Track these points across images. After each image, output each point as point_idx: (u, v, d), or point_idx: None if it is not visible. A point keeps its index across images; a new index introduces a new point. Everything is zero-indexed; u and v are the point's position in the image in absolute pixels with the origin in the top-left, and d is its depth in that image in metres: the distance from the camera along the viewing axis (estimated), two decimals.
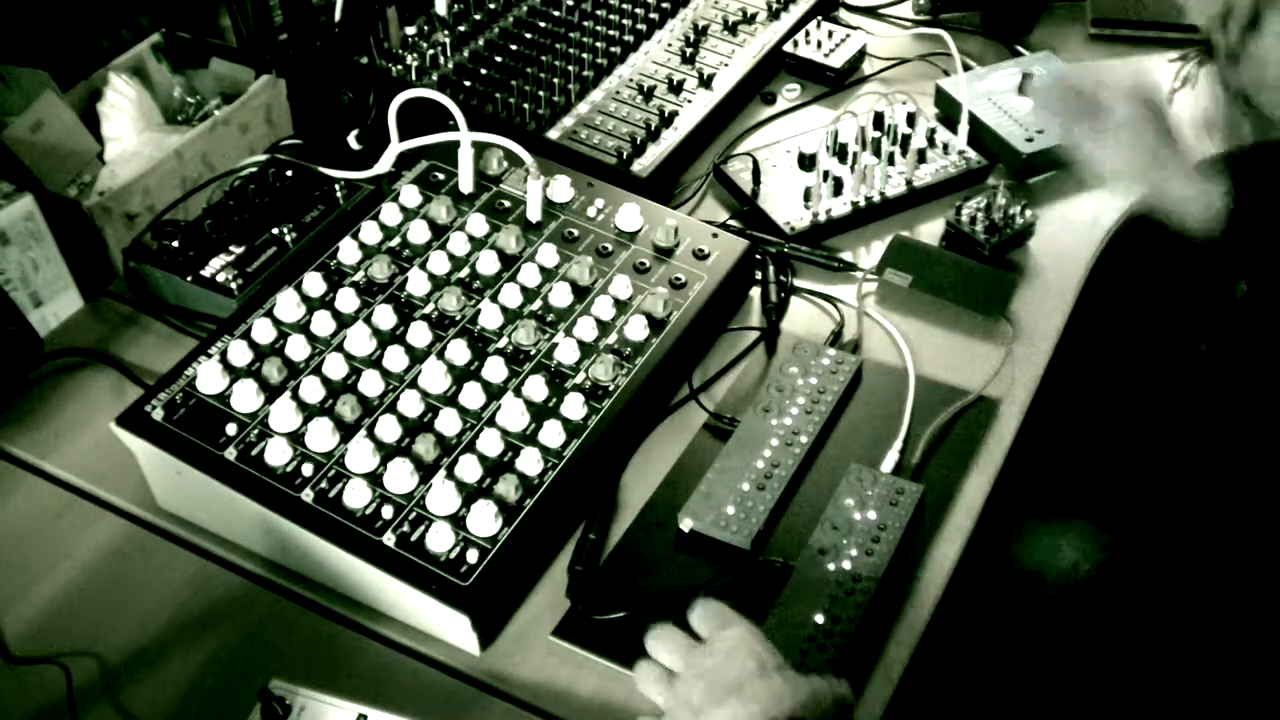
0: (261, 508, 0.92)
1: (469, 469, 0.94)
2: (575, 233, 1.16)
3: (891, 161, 1.33)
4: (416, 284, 1.09)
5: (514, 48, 1.45)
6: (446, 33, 1.45)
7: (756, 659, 0.81)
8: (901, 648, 0.91)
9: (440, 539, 0.90)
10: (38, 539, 1.00)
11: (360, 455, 0.95)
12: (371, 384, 1.00)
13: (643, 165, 1.30)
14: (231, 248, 1.17)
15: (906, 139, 1.34)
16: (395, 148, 1.22)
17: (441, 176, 1.21)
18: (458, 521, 0.92)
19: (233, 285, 1.13)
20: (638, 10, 1.51)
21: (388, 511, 0.92)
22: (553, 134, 1.34)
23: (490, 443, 0.97)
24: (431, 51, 1.41)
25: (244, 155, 1.29)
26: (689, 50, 1.46)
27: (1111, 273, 1.13)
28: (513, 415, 0.98)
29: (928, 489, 1.00)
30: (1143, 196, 1.13)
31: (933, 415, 1.07)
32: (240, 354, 1.01)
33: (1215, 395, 0.61)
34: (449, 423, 0.97)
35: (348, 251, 1.11)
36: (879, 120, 1.35)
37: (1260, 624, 0.63)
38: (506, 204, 1.19)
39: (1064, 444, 0.68)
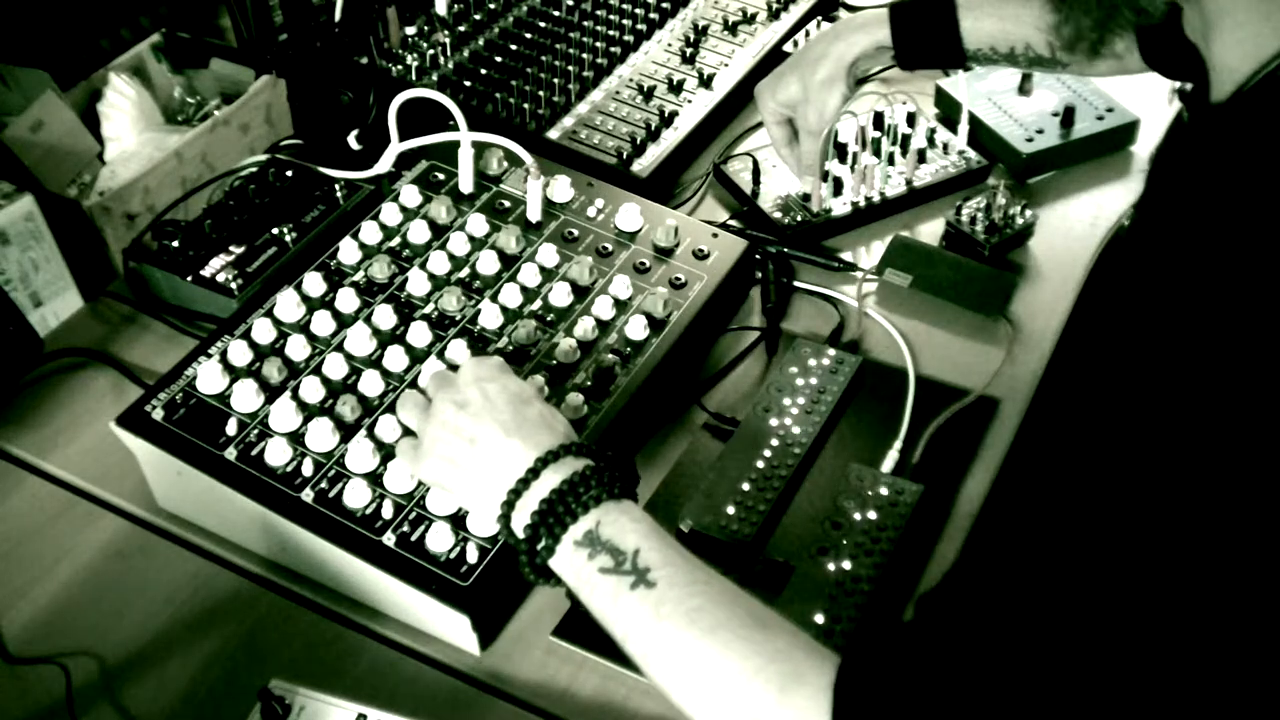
0: (261, 508, 0.92)
1: None
2: (575, 233, 1.16)
3: (891, 161, 1.33)
4: (416, 284, 1.09)
5: (514, 48, 1.45)
6: (446, 33, 1.45)
7: (519, 387, 0.87)
8: None
9: (440, 539, 0.90)
10: (38, 539, 1.00)
11: (360, 455, 0.95)
12: (371, 384, 1.00)
13: (643, 165, 1.30)
14: (231, 248, 1.17)
15: (906, 139, 1.34)
16: (395, 148, 1.22)
17: (441, 176, 1.21)
18: (458, 521, 0.92)
19: (233, 285, 1.13)
20: (638, 10, 1.51)
21: (388, 511, 0.92)
22: (553, 134, 1.34)
23: None
24: (431, 51, 1.41)
25: (244, 155, 1.29)
26: (689, 50, 1.46)
27: (1110, 274, 1.14)
28: None
29: (928, 489, 1.00)
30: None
31: (933, 415, 1.07)
32: (240, 354, 1.01)
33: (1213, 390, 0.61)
34: None
35: (348, 251, 1.11)
36: (879, 120, 1.35)
37: (1260, 620, 0.63)
38: (506, 204, 1.19)
39: (1064, 444, 0.69)
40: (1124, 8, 0.78)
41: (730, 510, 0.98)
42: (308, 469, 0.94)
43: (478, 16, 1.48)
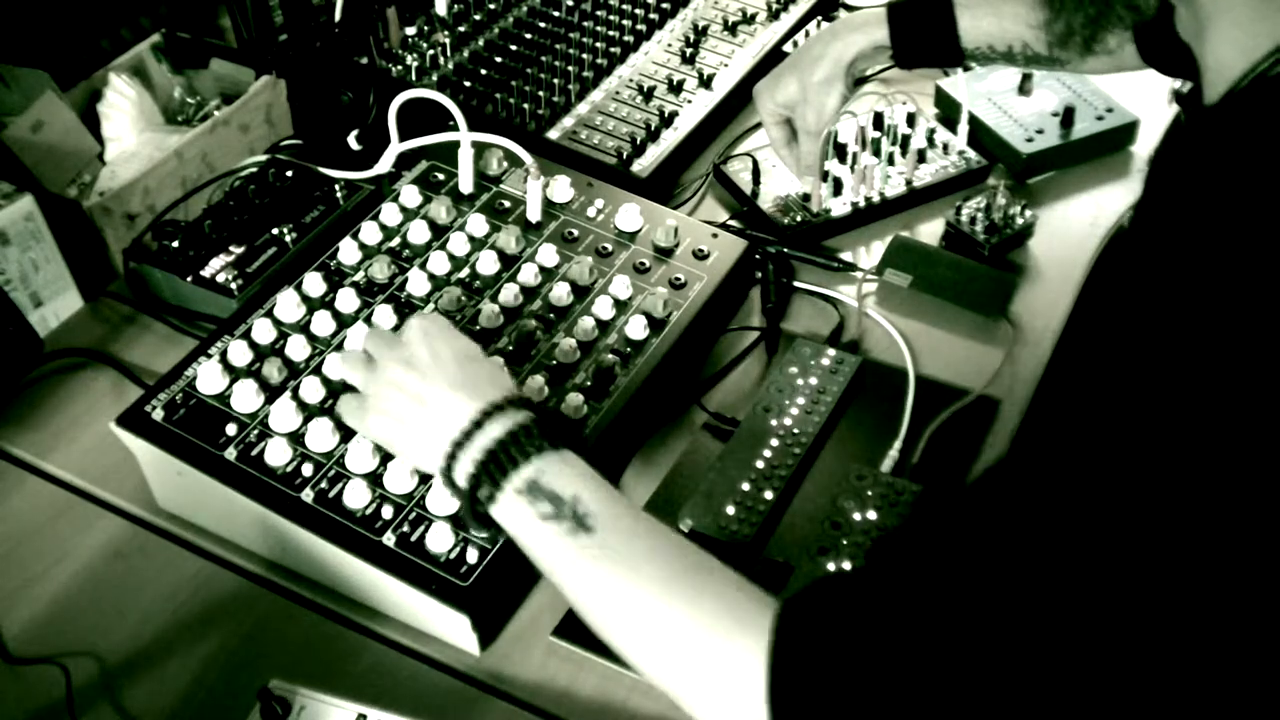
0: (261, 508, 0.92)
1: None
2: (575, 233, 1.16)
3: (891, 161, 1.33)
4: (416, 284, 1.09)
5: (514, 48, 1.45)
6: (446, 33, 1.45)
7: (466, 345, 0.88)
8: None
9: (440, 539, 0.90)
10: (38, 539, 1.00)
11: (360, 455, 0.95)
12: None
13: (643, 165, 1.30)
14: (231, 248, 1.17)
15: (906, 139, 1.34)
16: (395, 148, 1.22)
17: (441, 176, 1.21)
18: (458, 521, 0.92)
19: (233, 285, 1.13)
20: (638, 10, 1.51)
21: (388, 511, 0.92)
22: (553, 134, 1.34)
23: None
24: (431, 51, 1.41)
25: (244, 155, 1.29)
26: (689, 50, 1.46)
27: (1108, 275, 1.14)
28: None
29: (927, 489, 1.00)
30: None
31: (933, 415, 1.07)
32: (240, 354, 1.01)
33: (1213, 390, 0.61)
34: None
35: (348, 252, 1.11)
36: (879, 120, 1.35)
37: (1260, 623, 0.63)
38: (506, 204, 1.19)
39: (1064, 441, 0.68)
40: (1116, 4, 0.78)
41: (730, 510, 0.98)
42: (308, 469, 0.94)
43: (478, 17, 1.48)
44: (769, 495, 0.99)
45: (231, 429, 0.96)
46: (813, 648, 0.67)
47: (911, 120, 1.36)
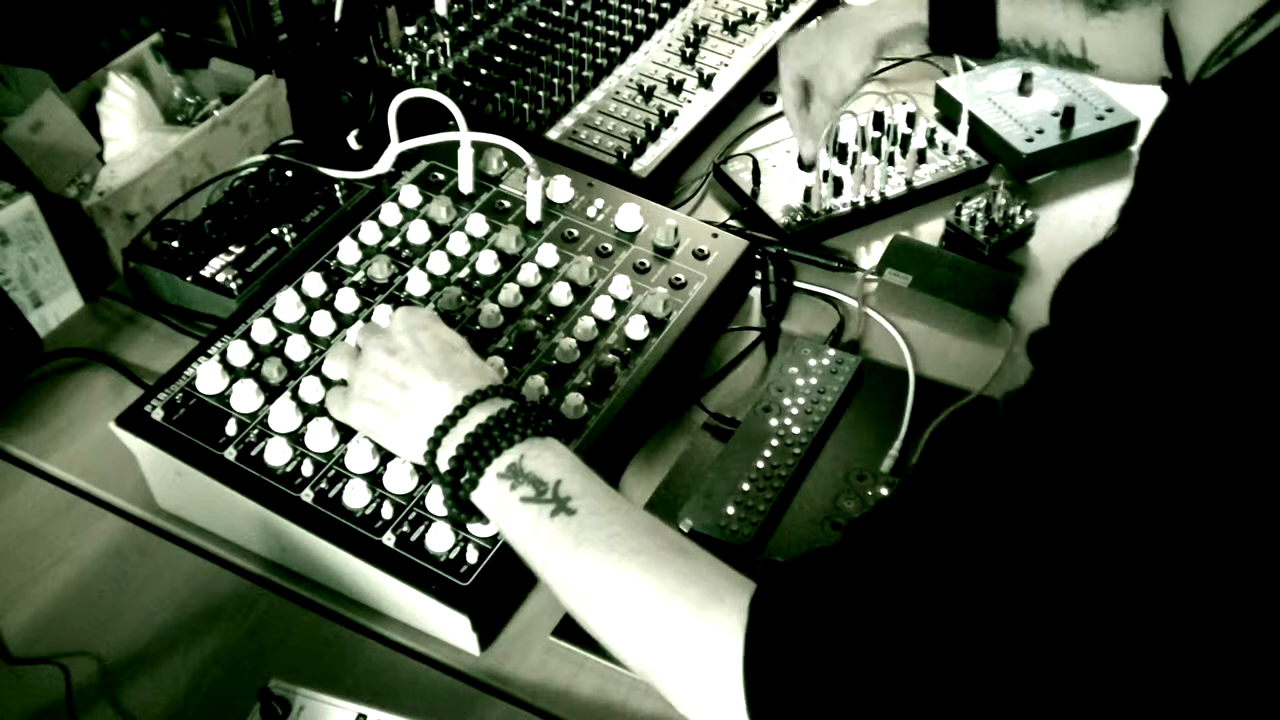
0: (261, 508, 0.92)
1: None
2: (575, 233, 1.16)
3: (891, 161, 1.33)
4: (416, 284, 1.09)
5: (514, 48, 1.45)
6: (446, 33, 1.45)
7: (450, 336, 0.89)
8: None
9: (440, 539, 0.90)
10: (38, 539, 1.00)
11: (360, 455, 0.95)
12: None
13: (643, 165, 1.30)
14: (231, 248, 1.17)
15: (906, 139, 1.34)
16: (395, 148, 1.22)
17: (441, 176, 1.21)
18: (457, 520, 0.92)
19: (233, 285, 1.13)
20: (638, 10, 1.51)
21: (388, 511, 0.92)
22: (553, 134, 1.34)
23: None
24: (431, 51, 1.41)
25: (244, 155, 1.29)
26: (689, 50, 1.46)
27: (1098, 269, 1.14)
28: None
29: None
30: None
31: (933, 415, 1.07)
32: (240, 354, 1.01)
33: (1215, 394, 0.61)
34: None
35: (347, 251, 1.11)
36: (879, 120, 1.35)
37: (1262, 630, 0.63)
38: (506, 204, 1.19)
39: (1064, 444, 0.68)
40: None
41: (730, 510, 0.98)
42: (308, 469, 0.94)
43: (478, 16, 1.48)
44: (769, 495, 0.99)
45: (231, 429, 0.96)
46: (788, 626, 0.68)
47: (911, 120, 1.36)
